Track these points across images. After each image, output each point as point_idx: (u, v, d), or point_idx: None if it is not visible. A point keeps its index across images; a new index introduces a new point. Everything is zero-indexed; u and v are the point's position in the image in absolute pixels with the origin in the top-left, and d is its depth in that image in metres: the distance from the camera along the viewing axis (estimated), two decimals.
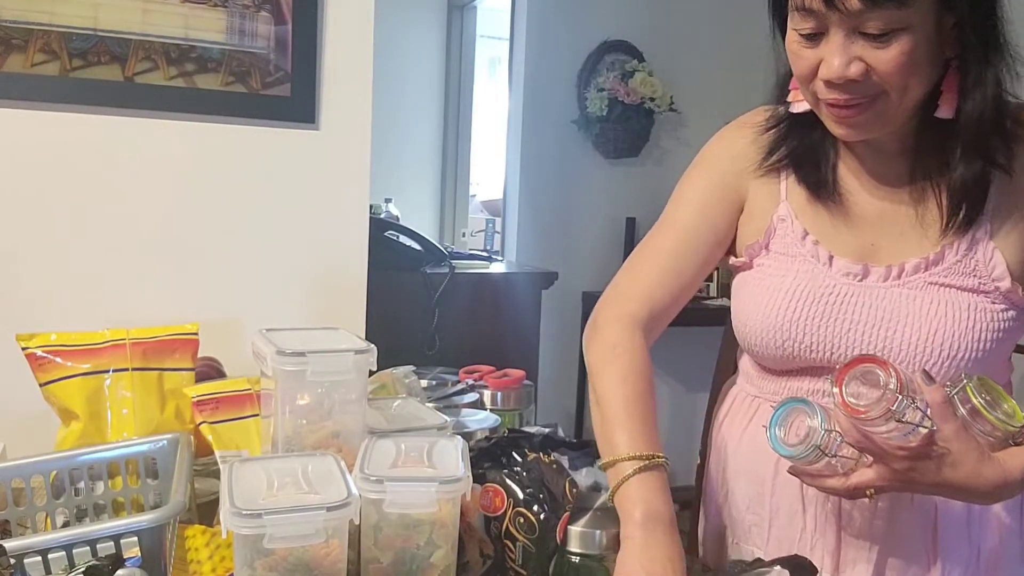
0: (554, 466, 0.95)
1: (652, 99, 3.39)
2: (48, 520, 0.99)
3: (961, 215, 0.91)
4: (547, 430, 1.18)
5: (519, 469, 0.94)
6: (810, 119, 0.95)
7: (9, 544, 0.76)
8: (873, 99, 0.85)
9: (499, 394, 1.46)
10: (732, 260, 1.07)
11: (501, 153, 3.64)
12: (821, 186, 0.98)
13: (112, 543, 0.81)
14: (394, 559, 0.84)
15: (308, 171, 1.63)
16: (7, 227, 1.44)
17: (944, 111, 0.88)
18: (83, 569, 0.76)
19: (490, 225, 3.59)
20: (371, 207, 1.73)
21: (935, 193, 0.93)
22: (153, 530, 0.83)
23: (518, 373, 1.50)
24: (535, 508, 0.90)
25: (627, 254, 3.03)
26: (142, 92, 1.50)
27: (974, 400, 0.82)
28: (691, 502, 1.56)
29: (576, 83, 3.45)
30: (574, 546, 0.88)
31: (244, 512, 0.75)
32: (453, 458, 0.89)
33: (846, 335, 0.94)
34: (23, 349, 1.14)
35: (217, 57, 1.54)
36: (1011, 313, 0.92)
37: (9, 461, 0.99)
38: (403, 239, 2.55)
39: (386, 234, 2.48)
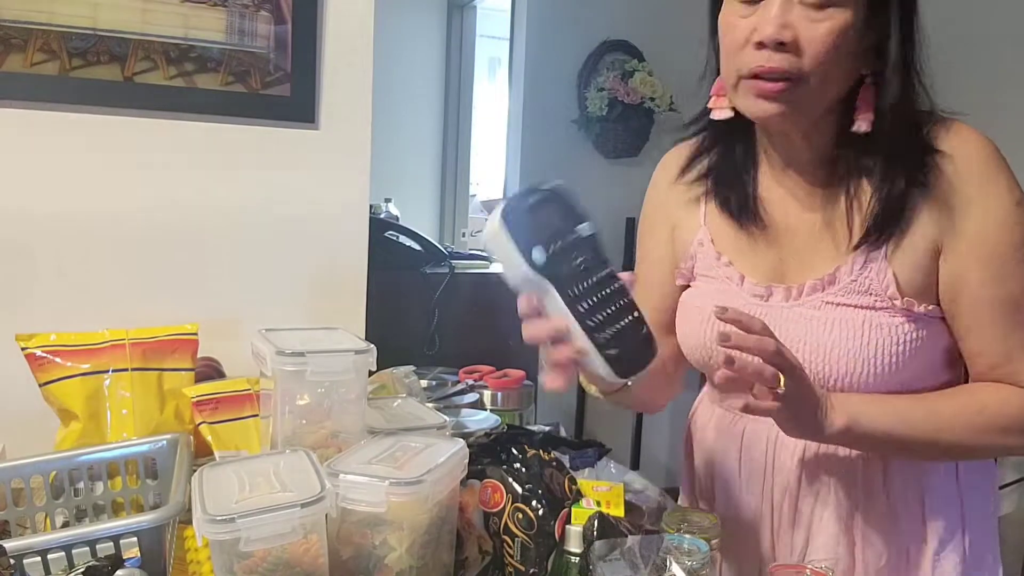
0: (554, 463, 0.95)
1: (652, 99, 3.38)
2: (48, 520, 0.99)
3: (877, 232, 0.91)
4: (547, 428, 1.19)
5: (518, 465, 0.94)
6: (730, 129, 0.97)
7: (9, 544, 0.76)
8: (795, 81, 0.85)
9: (499, 394, 1.46)
10: (677, 282, 1.11)
11: (501, 153, 3.64)
12: (741, 207, 1.00)
13: (112, 543, 0.81)
14: (354, 554, 0.83)
15: (308, 171, 1.63)
16: (7, 227, 1.44)
17: (861, 125, 0.89)
18: (83, 569, 0.76)
19: None
20: (371, 207, 1.73)
21: (848, 209, 0.93)
22: (153, 530, 0.83)
23: (518, 373, 1.50)
24: (534, 504, 0.90)
25: (627, 254, 3.05)
26: (142, 92, 1.50)
27: None
28: None
29: (576, 83, 3.45)
30: (573, 545, 0.88)
31: (217, 518, 0.74)
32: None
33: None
34: (23, 349, 1.14)
35: (217, 57, 1.54)
36: (912, 325, 0.91)
37: (9, 461, 0.99)
38: (403, 239, 2.56)
39: (386, 234, 2.48)
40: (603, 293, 0.77)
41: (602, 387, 0.99)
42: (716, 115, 0.96)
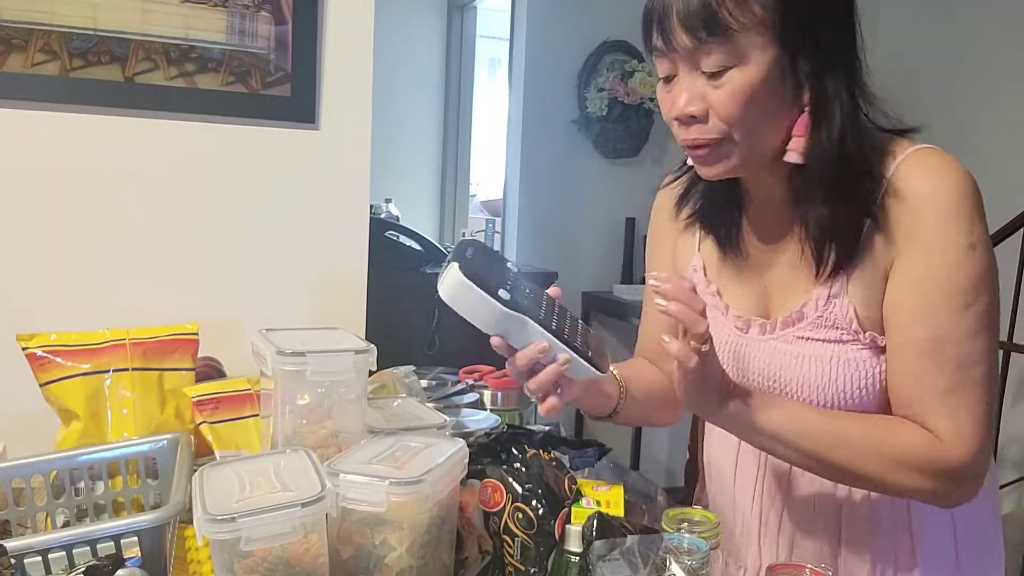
0: (554, 463, 0.95)
1: (652, 99, 3.39)
2: (48, 520, 0.99)
3: (830, 261, 0.91)
4: (547, 428, 1.19)
5: (518, 465, 0.94)
6: None
7: (9, 544, 0.76)
8: (719, 140, 0.87)
9: (499, 394, 1.46)
10: None
11: (501, 153, 3.64)
12: (726, 241, 1.02)
13: (112, 543, 0.81)
14: (354, 554, 0.84)
15: (308, 171, 1.63)
16: (7, 227, 1.45)
17: (791, 156, 0.88)
18: (83, 569, 0.76)
19: (490, 225, 3.59)
20: (371, 207, 1.74)
21: (802, 241, 0.93)
22: (153, 530, 0.83)
23: None
24: (534, 504, 0.90)
25: (627, 254, 3.05)
26: (142, 92, 1.50)
27: None
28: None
29: (576, 83, 3.45)
30: (573, 545, 0.88)
31: (218, 517, 0.74)
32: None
33: (740, 382, 0.98)
34: (23, 349, 1.14)
35: (217, 57, 1.54)
36: (878, 359, 0.91)
37: (9, 461, 0.99)
38: (403, 239, 2.56)
39: (386, 234, 2.48)
40: (556, 310, 0.86)
41: (601, 410, 1.02)
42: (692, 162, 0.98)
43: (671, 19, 0.84)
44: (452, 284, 0.80)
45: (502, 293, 0.80)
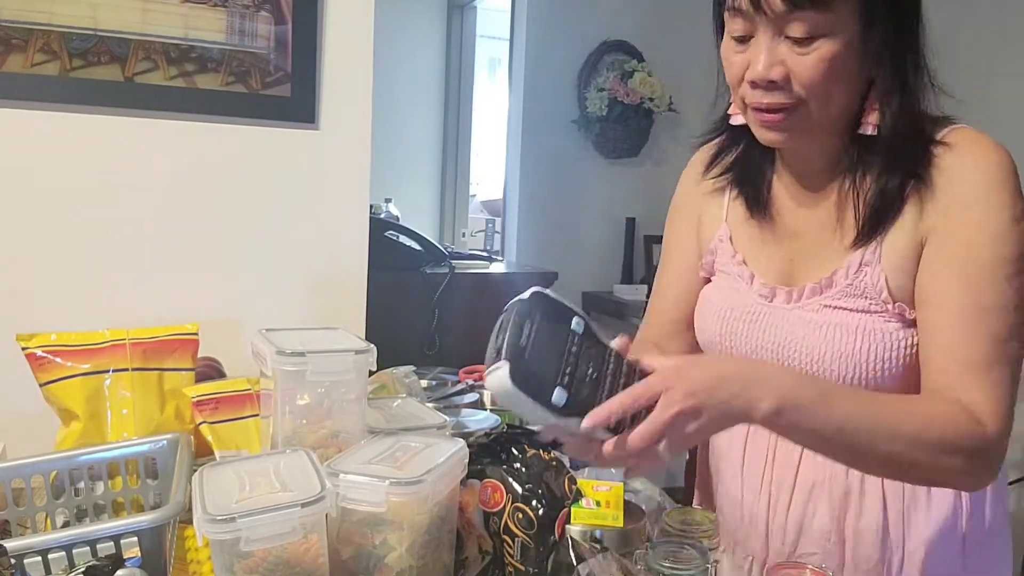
0: (554, 463, 0.95)
1: (651, 99, 3.39)
2: (48, 520, 0.99)
3: (873, 224, 0.92)
4: None
5: (518, 465, 0.94)
6: (749, 132, 0.97)
7: (9, 544, 0.76)
8: (794, 107, 0.87)
9: None
10: (701, 275, 1.14)
11: (501, 153, 3.64)
12: (755, 203, 1.02)
13: (112, 543, 0.81)
14: (354, 554, 0.84)
15: (308, 171, 1.63)
16: (7, 226, 1.45)
17: (867, 128, 0.90)
18: (83, 569, 0.76)
19: (490, 225, 3.59)
20: (371, 207, 1.73)
21: (848, 205, 0.94)
22: (153, 530, 0.83)
23: None
24: (534, 503, 0.90)
25: (627, 254, 3.05)
26: (142, 92, 1.50)
27: None
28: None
29: (576, 83, 3.45)
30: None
31: (218, 517, 0.74)
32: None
33: (757, 354, 0.99)
34: (23, 349, 1.14)
35: (217, 57, 1.54)
36: (906, 332, 0.91)
37: (9, 461, 0.99)
38: (403, 239, 2.55)
39: (386, 234, 2.48)
40: (616, 380, 0.77)
41: None
42: (735, 120, 0.99)
43: None
44: (500, 387, 0.72)
45: (557, 395, 0.72)
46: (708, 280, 1.12)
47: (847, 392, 0.88)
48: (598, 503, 0.94)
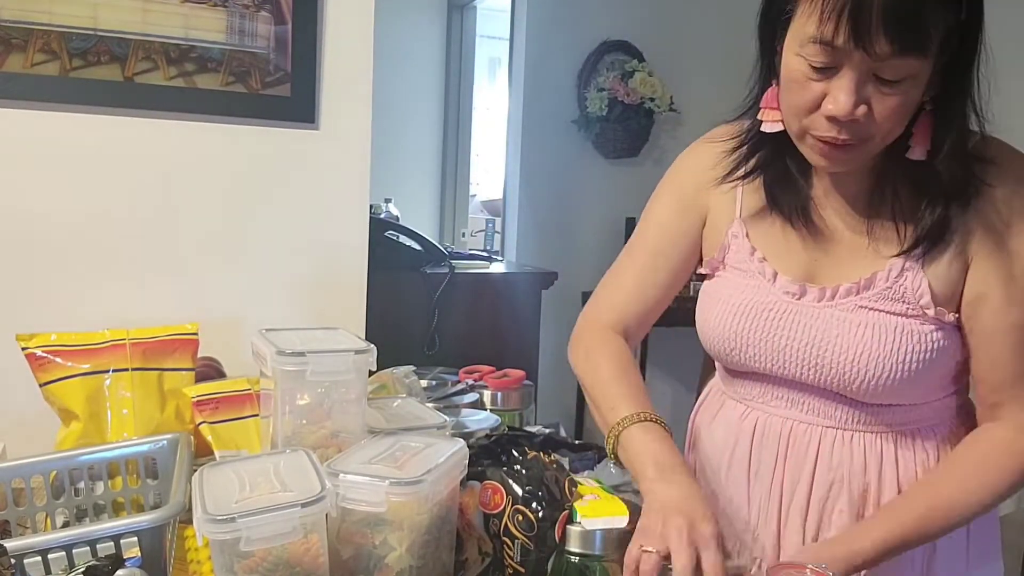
0: (554, 465, 0.95)
1: (652, 99, 3.39)
2: (48, 520, 0.99)
3: (923, 244, 0.92)
4: (548, 430, 1.18)
5: (519, 467, 0.94)
6: (780, 140, 0.95)
7: (10, 544, 0.76)
8: (863, 143, 0.86)
9: (499, 394, 1.46)
10: (699, 269, 1.12)
11: (501, 153, 3.65)
12: (798, 214, 0.99)
13: (112, 543, 0.81)
14: (354, 554, 0.84)
15: (308, 171, 1.63)
16: (7, 226, 1.44)
17: (917, 152, 0.89)
18: (83, 569, 0.76)
19: (490, 225, 3.59)
20: (371, 207, 1.73)
21: (892, 218, 0.94)
22: (153, 530, 0.83)
23: (518, 373, 1.50)
24: (534, 506, 0.90)
25: None
26: (142, 92, 1.50)
27: None
28: None
29: (576, 83, 3.45)
30: (573, 546, 0.88)
31: (218, 517, 0.74)
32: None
33: (783, 351, 0.98)
34: (23, 349, 1.14)
35: (217, 57, 1.54)
36: (940, 333, 0.93)
37: (9, 461, 0.99)
38: (403, 239, 2.55)
39: (386, 234, 2.48)
40: None
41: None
42: (767, 128, 0.95)
43: (871, 19, 0.77)
44: None
45: None
46: (702, 276, 1.10)
47: (897, 512, 0.93)
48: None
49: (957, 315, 0.94)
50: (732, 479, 1.08)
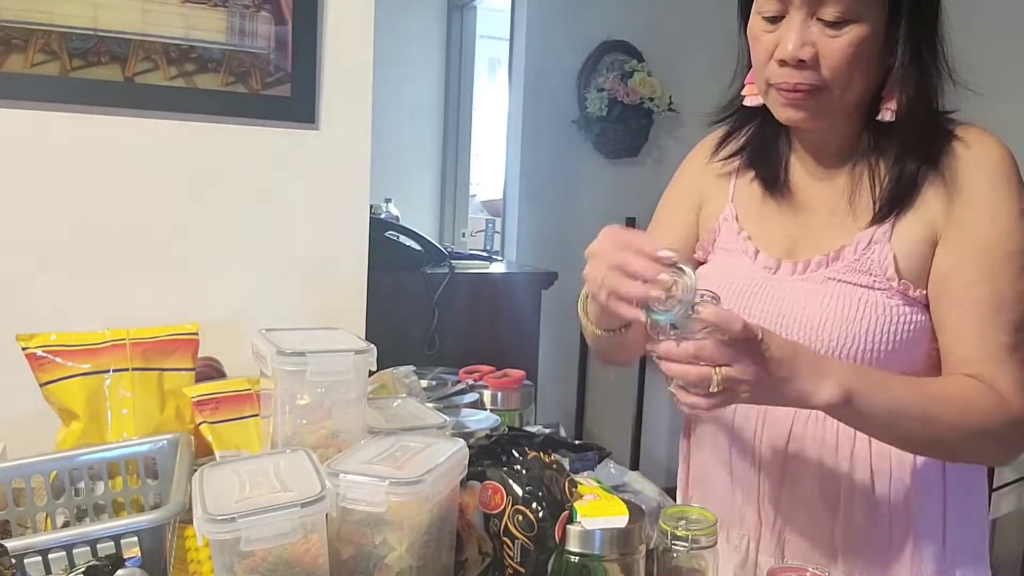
0: (554, 466, 0.95)
1: (651, 99, 3.39)
2: (48, 520, 0.99)
3: (888, 208, 0.95)
4: (548, 430, 1.18)
5: (519, 467, 0.94)
6: (762, 114, 1.01)
7: (10, 544, 0.76)
8: (818, 88, 0.91)
9: (499, 394, 1.46)
10: (695, 256, 1.15)
11: (501, 153, 3.64)
12: (772, 182, 1.05)
13: (112, 543, 0.81)
14: (354, 554, 0.84)
15: (308, 171, 1.63)
16: (7, 226, 1.45)
17: (885, 114, 0.94)
18: (83, 569, 0.76)
19: (490, 225, 3.59)
20: (371, 207, 1.74)
21: (864, 187, 0.98)
22: (153, 530, 0.83)
23: (518, 373, 1.50)
24: (534, 506, 0.90)
25: None
26: (142, 92, 1.50)
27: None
28: None
29: (576, 83, 3.45)
30: (573, 545, 0.88)
31: (218, 517, 0.74)
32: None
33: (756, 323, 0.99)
34: (23, 349, 1.14)
35: (217, 57, 1.54)
36: (908, 309, 0.95)
37: (9, 461, 0.99)
38: (403, 239, 2.56)
39: (386, 234, 2.48)
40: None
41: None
42: (749, 102, 1.01)
43: None
44: None
45: None
46: (700, 263, 1.13)
47: (896, 377, 0.92)
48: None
49: (924, 291, 0.95)
50: (717, 467, 1.11)
